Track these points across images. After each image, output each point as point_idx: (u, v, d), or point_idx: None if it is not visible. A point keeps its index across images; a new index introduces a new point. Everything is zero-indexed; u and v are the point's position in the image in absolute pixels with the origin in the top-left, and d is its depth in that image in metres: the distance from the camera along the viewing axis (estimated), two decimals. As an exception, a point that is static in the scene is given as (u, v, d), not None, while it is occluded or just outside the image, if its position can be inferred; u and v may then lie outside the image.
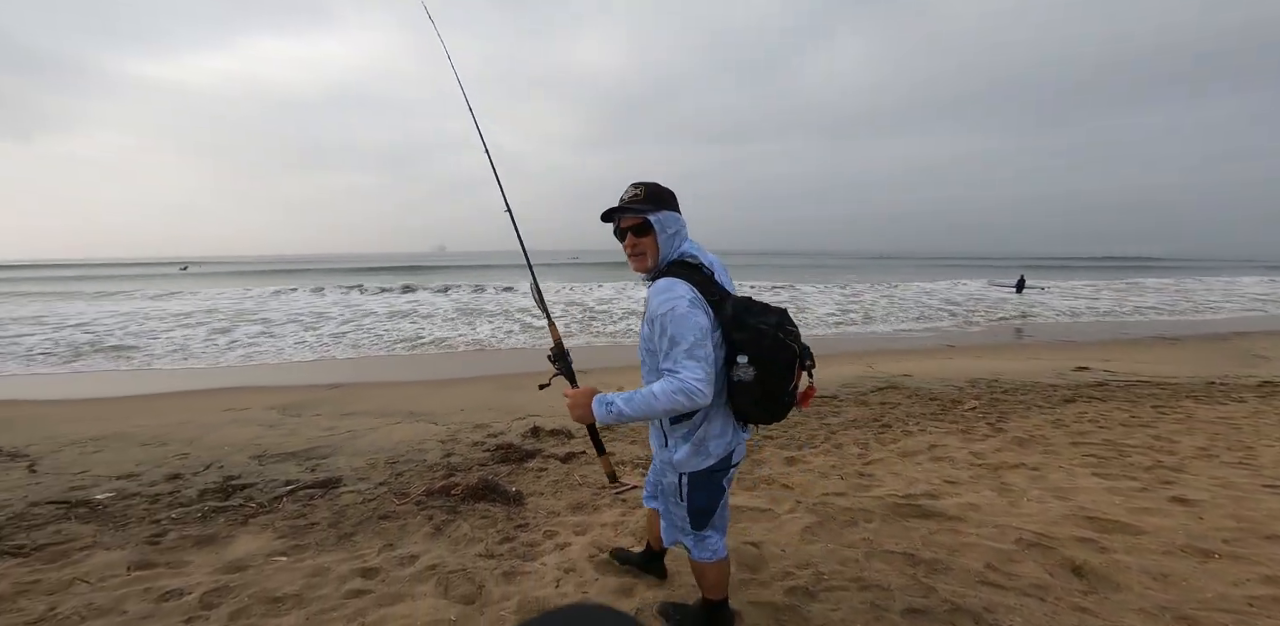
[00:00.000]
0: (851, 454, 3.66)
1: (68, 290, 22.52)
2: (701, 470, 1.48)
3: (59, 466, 3.69)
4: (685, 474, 1.49)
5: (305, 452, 3.99)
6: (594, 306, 15.14)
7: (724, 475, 1.53)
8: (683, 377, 1.25)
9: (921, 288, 22.82)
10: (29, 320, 12.56)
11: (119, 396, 6.23)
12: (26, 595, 2.06)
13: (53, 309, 15.00)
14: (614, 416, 1.34)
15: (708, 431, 1.45)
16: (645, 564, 2.09)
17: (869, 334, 11.31)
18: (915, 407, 5.04)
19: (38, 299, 18.34)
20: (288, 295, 18.74)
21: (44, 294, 20.40)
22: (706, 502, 1.53)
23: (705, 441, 1.45)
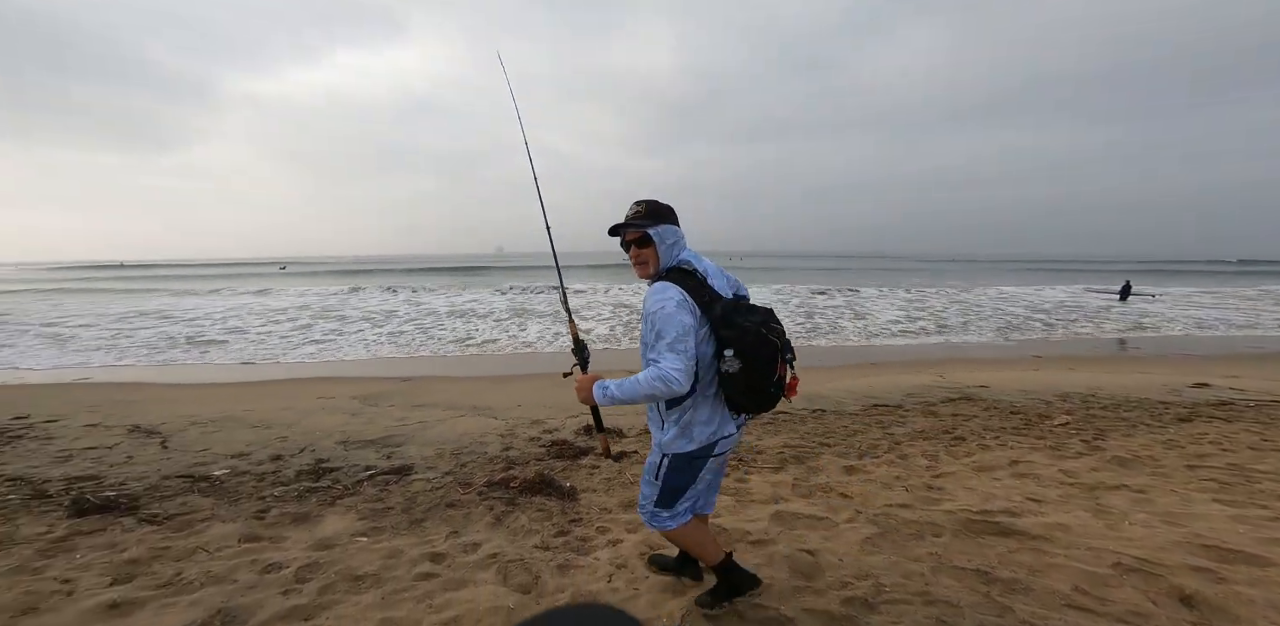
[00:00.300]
0: (918, 465, 3.43)
1: (187, 287, 25.75)
2: (683, 453, 1.60)
3: (185, 444, 4.23)
4: (668, 455, 1.63)
5: (382, 440, 4.32)
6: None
7: (703, 462, 1.63)
8: (663, 367, 1.40)
9: (1001, 293, 20.92)
10: (154, 314, 14.49)
11: (230, 382, 7.06)
12: (159, 560, 2.34)
13: (175, 304, 17.18)
14: (608, 399, 1.50)
15: (694, 417, 1.58)
16: (680, 567, 2.11)
17: (940, 342, 10.55)
18: (994, 421, 4.64)
19: (164, 294, 21.05)
20: (364, 293, 20.26)
21: (168, 290, 23.39)
22: (679, 483, 1.65)
23: (691, 426, 1.58)
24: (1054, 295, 20.65)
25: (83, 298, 19.21)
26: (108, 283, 30.14)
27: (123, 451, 4.03)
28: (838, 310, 14.84)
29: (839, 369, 7.86)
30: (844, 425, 4.52)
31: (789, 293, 19.92)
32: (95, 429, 4.67)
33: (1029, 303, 17.55)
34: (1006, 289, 22.76)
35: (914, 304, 16.58)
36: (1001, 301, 17.92)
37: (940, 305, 16.51)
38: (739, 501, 2.93)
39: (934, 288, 23.70)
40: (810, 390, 6.17)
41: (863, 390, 6.18)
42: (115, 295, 20.23)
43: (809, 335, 10.74)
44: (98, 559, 2.32)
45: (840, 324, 12.30)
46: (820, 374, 7.37)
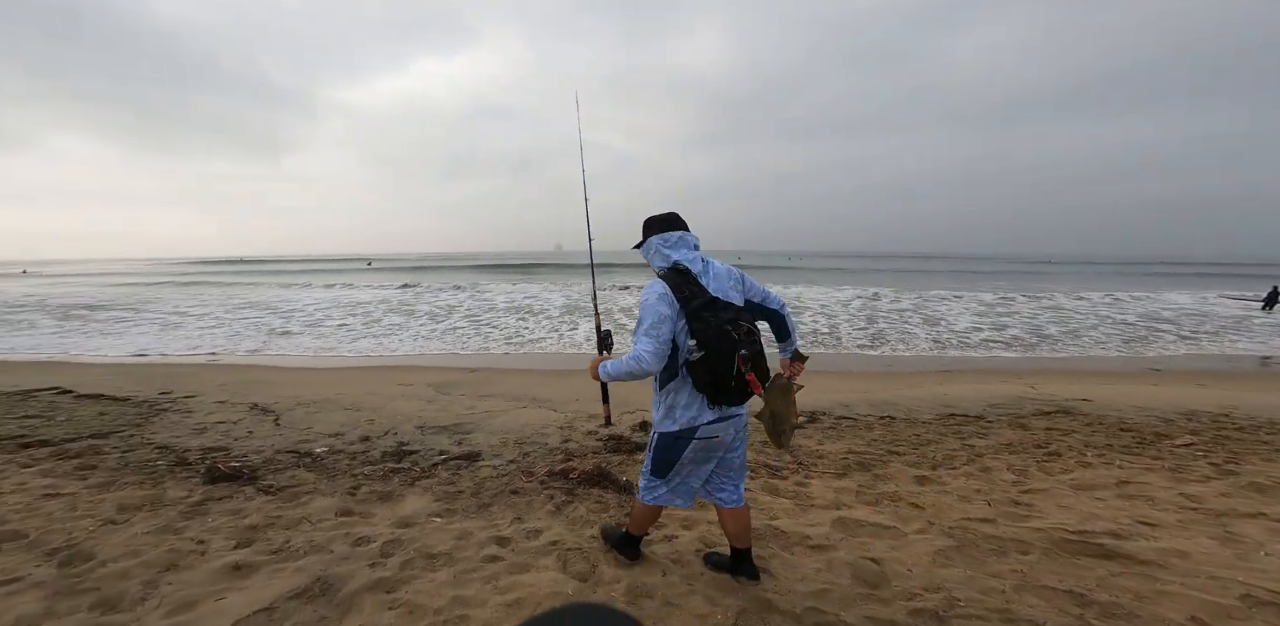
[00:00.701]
0: (1003, 480, 3.14)
1: (294, 281, 28.91)
2: (668, 433, 1.82)
3: (293, 422, 4.78)
4: (657, 433, 1.87)
5: (454, 427, 4.62)
6: None
7: (686, 443, 1.80)
8: (637, 349, 1.62)
9: (1108, 298, 18.50)
10: (262, 305, 16.35)
11: (324, 368, 7.85)
12: (272, 527, 2.63)
13: (282, 295, 19.26)
14: (605, 375, 1.78)
15: (676, 400, 1.78)
16: (735, 565, 2.12)
17: (1027, 352, 9.55)
18: (1097, 437, 4.15)
19: (273, 287, 23.73)
20: (433, 288, 21.64)
21: (278, 283, 26.38)
22: (668, 459, 1.85)
23: (674, 409, 1.79)
24: (1176, 300, 18.01)
25: (212, 289, 22.12)
26: (231, 277, 34.63)
27: (245, 426, 4.62)
28: (904, 314, 13.84)
29: (909, 375, 7.36)
30: (915, 434, 4.24)
31: (851, 295, 18.87)
32: (224, 405, 5.38)
33: (1144, 310, 15.44)
34: (1117, 294, 20.13)
35: (996, 309, 15.11)
36: (1107, 308, 15.90)
37: (1029, 311, 14.92)
38: (798, 505, 2.84)
39: (1023, 292, 21.42)
40: (878, 397, 5.84)
41: (937, 399, 5.76)
42: (235, 287, 23.14)
43: (872, 342, 10.12)
44: (225, 523, 2.66)
45: (909, 330, 11.49)
46: (888, 380, 6.95)
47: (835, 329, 11.64)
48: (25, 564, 2.22)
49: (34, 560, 2.26)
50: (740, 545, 2.05)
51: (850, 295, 18.63)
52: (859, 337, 10.58)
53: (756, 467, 3.43)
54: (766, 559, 2.25)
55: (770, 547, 2.35)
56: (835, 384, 6.64)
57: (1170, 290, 23.56)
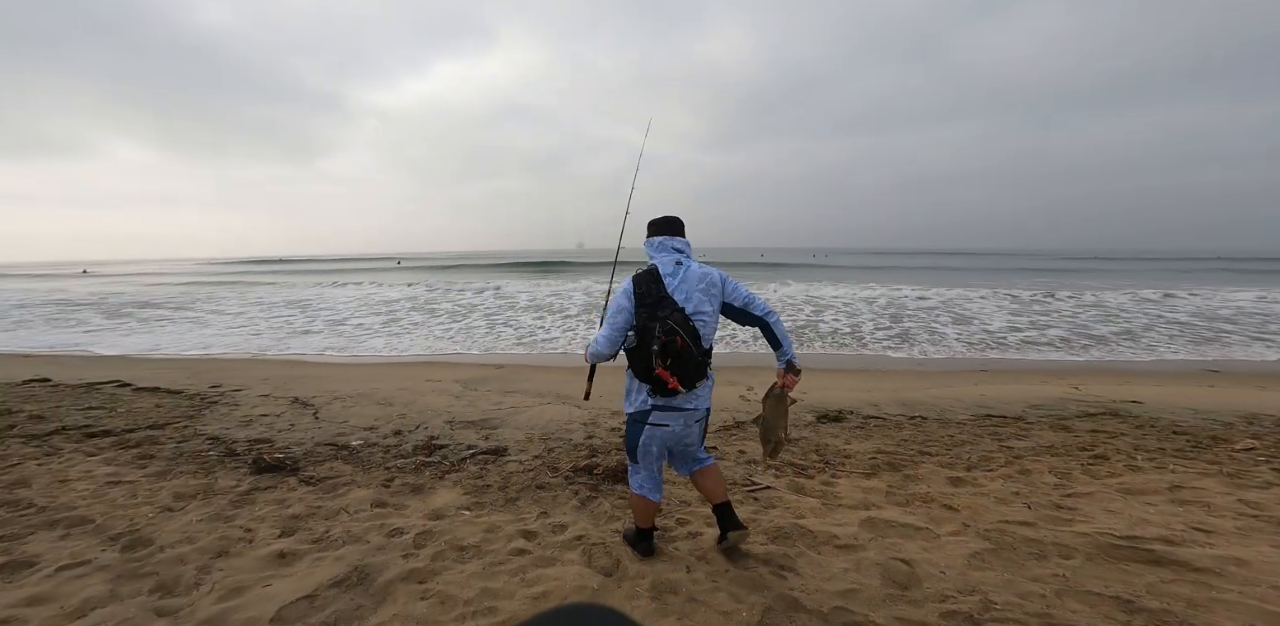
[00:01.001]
0: (1044, 482, 3.02)
1: (327, 279, 29.89)
2: (629, 414, 2.07)
3: (331, 416, 4.98)
4: (626, 414, 2.09)
5: (481, 422, 4.73)
6: None
7: (641, 427, 2.01)
8: (596, 334, 1.96)
9: (1158, 295, 17.43)
10: (299, 303, 16.94)
11: (357, 364, 8.11)
12: (314, 517, 2.76)
13: (319, 294, 19.93)
14: (586, 356, 2.06)
15: (630, 385, 2.06)
16: (721, 524, 2.22)
17: (1069, 351, 9.10)
18: (1149, 440, 3.93)
19: (310, 287, 24.55)
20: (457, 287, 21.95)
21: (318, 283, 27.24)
22: (631, 439, 2.09)
23: (630, 392, 2.06)
24: (1236, 299, 16.85)
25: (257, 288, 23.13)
26: (271, 276, 35.99)
27: (287, 419, 4.84)
28: (933, 313, 13.37)
29: (942, 375, 7.11)
30: (949, 434, 4.11)
31: (878, 292, 18.34)
32: (267, 399, 5.65)
33: (1198, 308, 14.52)
34: (1170, 291, 18.97)
35: (1033, 308, 14.43)
36: (1156, 305, 15.02)
37: (1071, 309, 14.21)
38: (825, 504, 2.80)
39: (1065, 289, 20.38)
40: (906, 396, 5.68)
41: (973, 399, 5.56)
42: (275, 287, 24.12)
43: (898, 342, 9.80)
44: (270, 512, 2.80)
45: (938, 329, 11.09)
46: (919, 379, 6.74)
47: (858, 328, 11.33)
48: (92, 548, 2.39)
49: (100, 544, 2.42)
50: (718, 500, 2.19)
51: (877, 293, 18.12)
52: (881, 337, 10.28)
53: (783, 466, 3.39)
54: (793, 557, 2.23)
55: (797, 546, 2.33)
56: (863, 382, 6.49)
57: (1231, 287, 22.05)
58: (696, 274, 1.92)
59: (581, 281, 23.88)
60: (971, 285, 21.81)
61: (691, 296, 1.87)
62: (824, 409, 5.10)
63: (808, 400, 5.49)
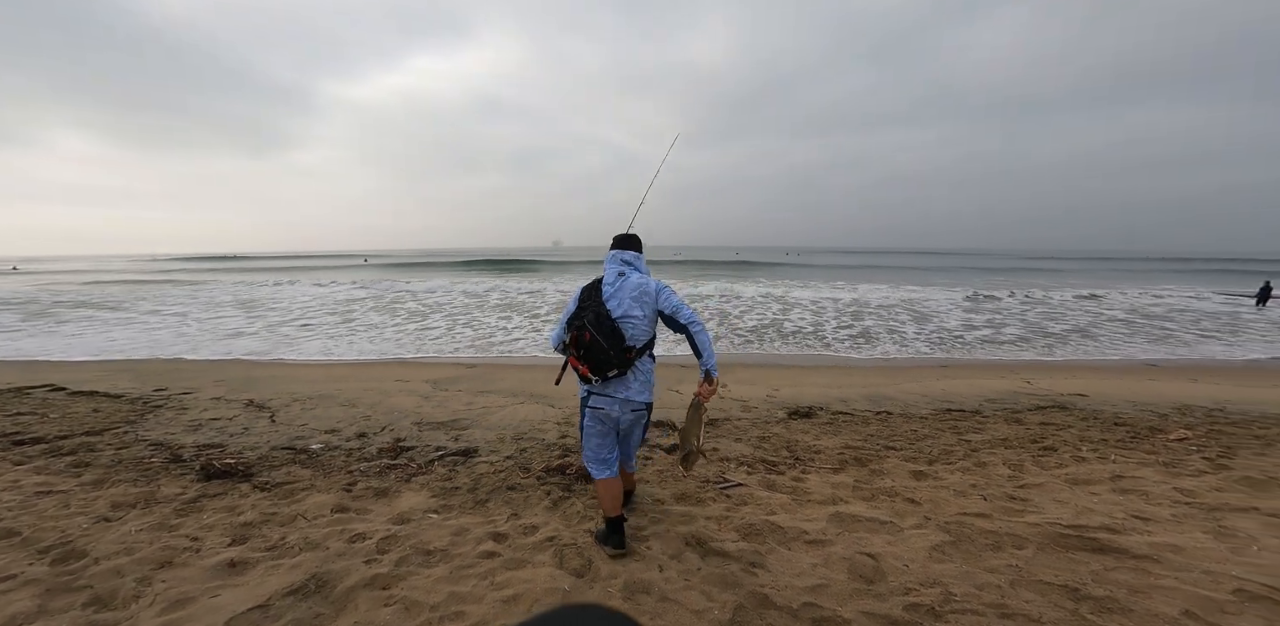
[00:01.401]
0: (999, 474, 3.16)
1: (286, 277, 28.53)
2: (579, 396, 2.36)
3: (289, 418, 4.76)
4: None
5: (451, 423, 4.61)
6: (694, 305, 14.91)
7: (585, 408, 2.31)
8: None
9: (1098, 293, 18.58)
10: (249, 302, 16.25)
11: (320, 364, 7.79)
12: (268, 524, 2.63)
13: (275, 293, 19.13)
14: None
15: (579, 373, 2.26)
16: (606, 536, 2.41)
17: (1019, 348, 9.59)
18: (1092, 432, 4.17)
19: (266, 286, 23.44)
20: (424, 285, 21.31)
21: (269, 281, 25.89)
22: (581, 422, 2.39)
23: (580, 379, 2.28)
24: (1168, 298, 18.12)
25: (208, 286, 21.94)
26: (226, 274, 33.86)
27: (240, 423, 4.60)
28: (893, 311, 13.86)
29: (908, 370, 7.39)
30: (912, 429, 4.26)
31: (845, 290, 18.88)
32: (219, 402, 5.36)
33: (1135, 306, 15.54)
34: (1111, 291, 20.22)
35: (985, 306, 15.15)
36: (1097, 304, 16.00)
37: (1020, 308, 14.99)
38: (795, 500, 2.85)
39: (1020, 287, 21.49)
40: (874, 391, 5.86)
41: (935, 394, 5.78)
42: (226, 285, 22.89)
43: (856, 342, 10.10)
44: (220, 520, 2.65)
45: (899, 328, 11.49)
46: (882, 375, 6.96)
47: (820, 326, 11.63)
48: (18, 562, 2.21)
49: (27, 558, 2.24)
50: (626, 487, 2.62)
51: (844, 291, 18.67)
52: (841, 336, 10.57)
53: (754, 462, 3.44)
54: (764, 553, 2.26)
55: (768, 543, 2.36)
56: (833, 378, 6.65)
57: (1166, 286, 23.69)
58: (633, 283, 2.22)
59: (555, 279, 23.65)
60: (935, 283, 22.74)
61: (623, 303, 2.18)
62: (795, 405, 5.20)
63: (780, 397, 5.59)
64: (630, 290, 2.19)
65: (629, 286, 2.20)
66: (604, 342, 2.07)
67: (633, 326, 2.16)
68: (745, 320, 12.31)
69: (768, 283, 23.39)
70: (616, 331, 2.10)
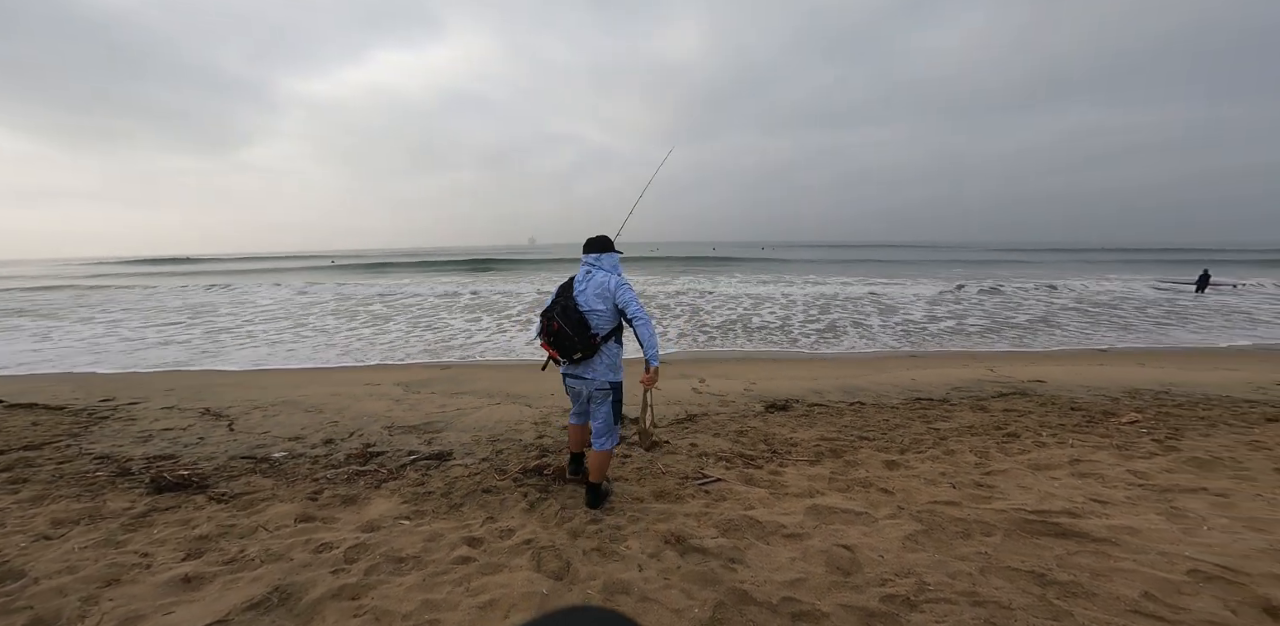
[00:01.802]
0: (966, 462, 3.26)
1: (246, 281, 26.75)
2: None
3: (250, 426, 4.54)
4: None
5: (423, 426, 4.49)
6: (666, 302, 14.91)
7: (563, 381, 2.71)
8: None
9: (1052, 285, 19.51)
10: (197, 307, 15.52)
11: (288, 369, 7.49)
12: (225, 537, 2.49)
13: (235, 296, 18.32)
14: None
15: None
16: (588, 494, 2.80)
17: (980, 337, 9.97)
18: (1051, 417, 4.35)
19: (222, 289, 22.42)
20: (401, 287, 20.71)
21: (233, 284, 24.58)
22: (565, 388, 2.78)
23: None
24: (1115, 287, 19.14)
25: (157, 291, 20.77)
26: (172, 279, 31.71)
27: (195, 433, 4.36)
28: (859, 304, 14.24)
29: (876, 361, 7.58)
30: (884, 419, 4.36)
31: (816, 284, 19.29)
32: (171, 411, 5.07)
33: (1079, 294, 16.36)
34: (1058, 281, 21.24)
35: (946, 296, 15.72)
36: (1052, 294, 16.79)
37: (978, 298, 15.62)
38: (773, 494, 2.87)
39: (978, 279, 22.35)
40: (847, 382, 5.99)
41: (905, 383, 5.94)
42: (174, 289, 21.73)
43: (824, 336, 10.32)
44: (173, 534, 2.51)
45: (865, 321, 11.79)
46: (856, 366, 7.13)
47: (789, 321, 11.84)
48: (-57, 588, 2.03)
49: (-46, 584, 2.07)
50: (591, 477, 2.74)
51: (813, 287, 19.05)
52: (810, 330, 10.78)
53: (733, 457, 3.45)
54: (743, 549, 2.26)
55: (746, 538, 2.37)
56: (809, 371, 6.76)
57: (1109, 275, 25.02)
58: (597, 281, 2.52)
59: (530, 278, 23.31)
60: (900, 275, 23.42)
61: (589, 298, 2.50)
62: (772, 398, 5.26)
63: (757, 390, 5.64)
64: (595, 287, 2.51)
65: (594, 284, 2.52)
66: (570, 331, 2.41)
67: (597, 317, 2.48)
68: (716, 316, 12.41)
69: (742, 277, 23.67)
70: (583, 321, 2.43)
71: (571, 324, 2.42)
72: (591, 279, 2.53)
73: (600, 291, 2.49)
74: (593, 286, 2.51)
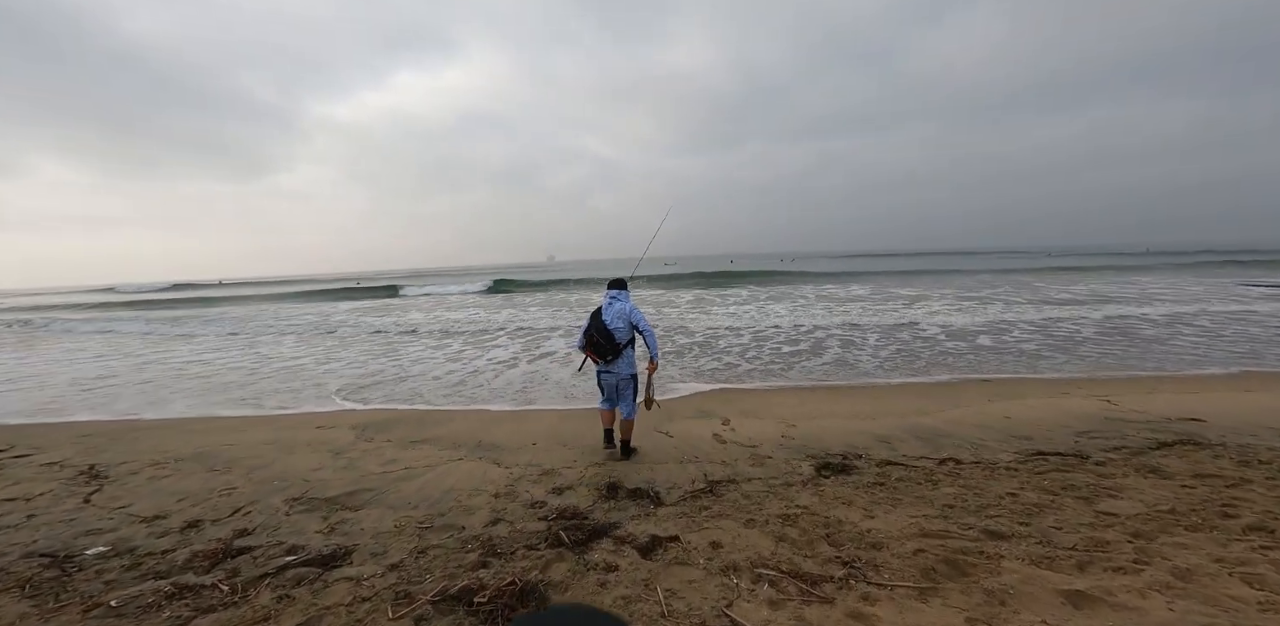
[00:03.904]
0: (1231, 595, 1.78)
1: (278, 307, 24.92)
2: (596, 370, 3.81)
3: (116, 496, 3.39)
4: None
5: (342, 499, 3.23)
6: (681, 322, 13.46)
7: (599, 374, 3.77)
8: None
9: (1124, 292, 17.16)
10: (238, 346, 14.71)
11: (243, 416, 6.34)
12: None
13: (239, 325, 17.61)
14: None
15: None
16: (621, 450, 3.89)
17: (1062, 357, 8.18)
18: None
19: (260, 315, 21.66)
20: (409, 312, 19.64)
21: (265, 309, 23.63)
22: (598, 382, 3.83)
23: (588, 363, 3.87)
24: (1196, 291, 16.71)
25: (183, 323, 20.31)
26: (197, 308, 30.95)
27: (39, 504, 3.25)
28: (892, 316, 12.49)
29: (944, 389, 5.92)
30: (1006, 490, 2.88)
31: (844, 296, 17.52)
32: (49, 469, 4.02)
33: (1171, 309, 14.17)
34: (1148, 287, 18.83)
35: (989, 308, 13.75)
36: (1140, 304, 14.64)
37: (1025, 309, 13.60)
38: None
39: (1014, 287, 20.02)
40: (918, 422, 4.51)
41: (1000, 424, 4.42)
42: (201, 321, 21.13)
43: (871, 357, 8.72)
44: None
45: (908, 337, 10.12)
46: (920, 396, 5.53)
47: (823, 342, 10.25)
48: None
49: None
50: (622, 437, 3.85)
51: (841, 299, 17.32)
52: (853, 352, 9.19)
53: (780, 577, 2.07)
54: None
55: None
56: (858, 404, 5.27)
57: (1171, 279, 22.25)
58: (618, 308, 3.71)
59: (543, 300, 22.25)
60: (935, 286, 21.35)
61: (613, 319, 3.66)
62: (821, 450, 3.83)
63: (798, 435, 4.23)
64: (616, 312, 3.69)
65: (615, 310, 3.70)
66: (603, 341, 3.63)
67: (619, 333, 3.65)
68: (740, 337, 10.89)
69: (767, 291, 22.11)
70: (610, 335, 3.62)
71: (604, 337, 3.62)
72: (613, 307, 3.70)
73: (620, 314, 3.68)
74: (614, 312, 3.68)
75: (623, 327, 3.59)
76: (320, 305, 24.41)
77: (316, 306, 23.51)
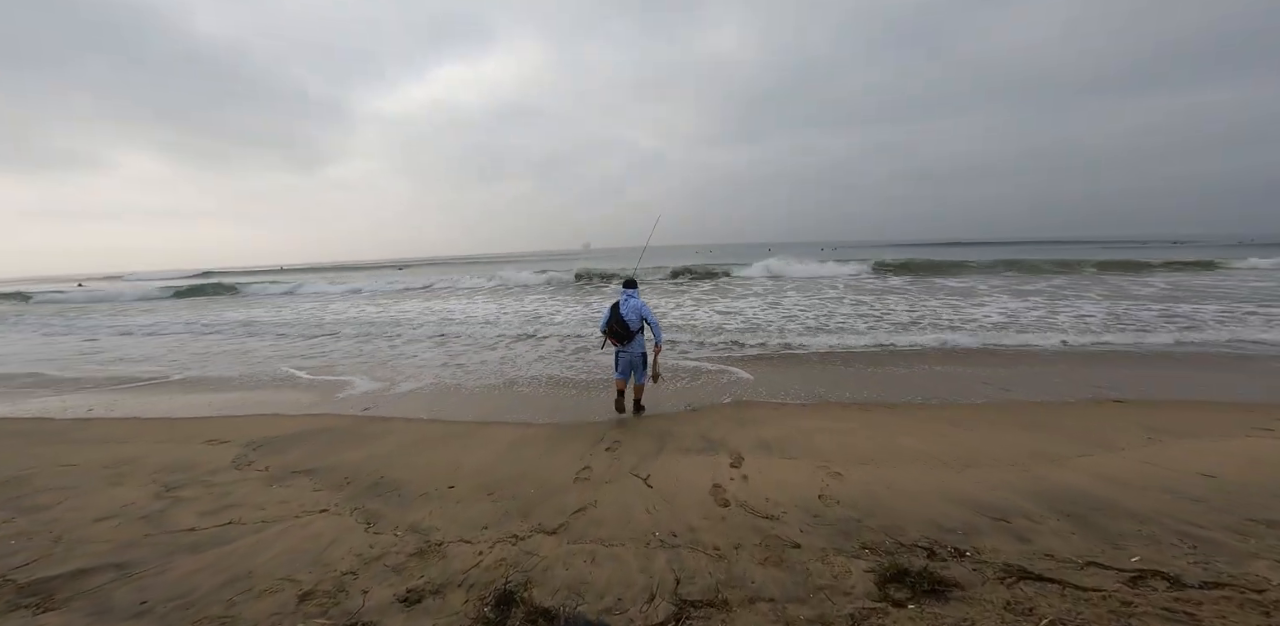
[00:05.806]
0: None
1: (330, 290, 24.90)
2: (614, 351, 4.66)
3: None
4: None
5: (57, 583, 1.96)
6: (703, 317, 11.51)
7: (616, 355, 4.59)
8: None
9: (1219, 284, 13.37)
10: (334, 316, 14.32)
11: (164, 418, 5.40)
12: None
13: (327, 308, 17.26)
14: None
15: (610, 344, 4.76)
16: (634, 407, 4.73)
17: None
18: None
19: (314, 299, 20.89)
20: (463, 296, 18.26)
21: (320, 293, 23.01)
22: (615, 360, 4.64)
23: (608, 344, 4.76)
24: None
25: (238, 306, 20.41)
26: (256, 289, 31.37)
27: None
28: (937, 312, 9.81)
29: (1067, 411, 3.96)
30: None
31: (878, 290, 14.87)
32: None
33: None
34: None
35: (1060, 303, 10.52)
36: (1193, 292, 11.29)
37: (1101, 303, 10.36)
38: None
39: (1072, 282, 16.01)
40: (1044, 477, 2.71)
41: (1200, 485, 2.63)
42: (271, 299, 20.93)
43: (930, 363, 6.62)
44: None
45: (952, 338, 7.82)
46: (1027, 427, 3.61)
47: (879, 343, 8.19)
48: None
49: None
50: (635, 397, 4.66)
51: (892, 295, 14.82)
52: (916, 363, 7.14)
53: None
54: None
55: None
56: (938, 439, 3.50)
57: None
58: (632, 304, 4.50)
59: (579, 289, 20.94)
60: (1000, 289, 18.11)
61: (628, 313, 4.45)
62: (887, 538, 2.19)
63: (842, 498, 2.57)
64: (631, 308, 4.49)
65: (630, 305, 4.50)
66: (620, 330, 4.42)
67: (632, 323, 4.45)
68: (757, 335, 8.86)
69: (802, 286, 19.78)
70: (626, 325, 4.41)
71: (620, 326, 4.43)
72: (629, 303, 4.52)
73: (633, 309, 4.50)
74: (630, 307, 4.50)
75: (635, 319, 4.49)
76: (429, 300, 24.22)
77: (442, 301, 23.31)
